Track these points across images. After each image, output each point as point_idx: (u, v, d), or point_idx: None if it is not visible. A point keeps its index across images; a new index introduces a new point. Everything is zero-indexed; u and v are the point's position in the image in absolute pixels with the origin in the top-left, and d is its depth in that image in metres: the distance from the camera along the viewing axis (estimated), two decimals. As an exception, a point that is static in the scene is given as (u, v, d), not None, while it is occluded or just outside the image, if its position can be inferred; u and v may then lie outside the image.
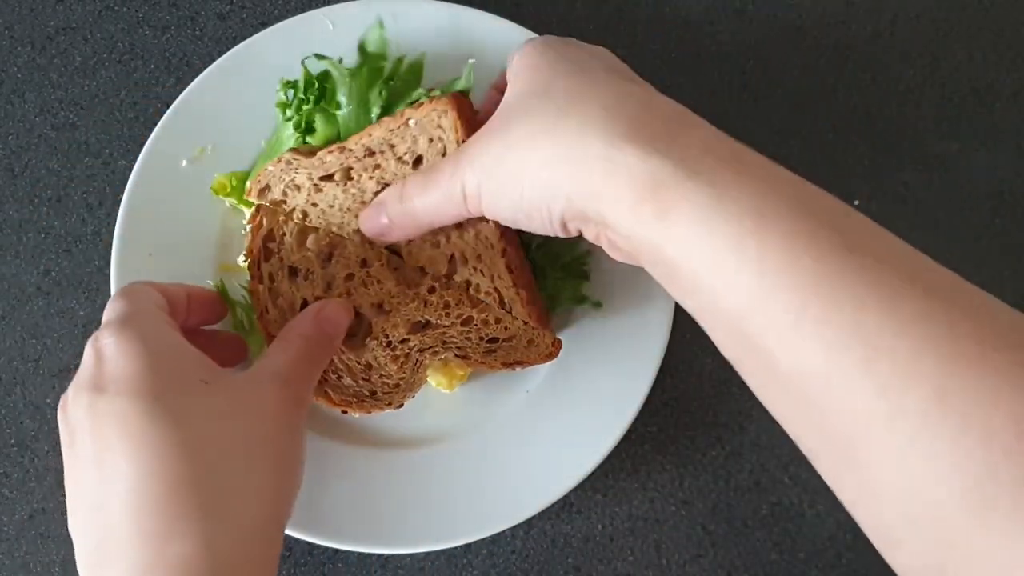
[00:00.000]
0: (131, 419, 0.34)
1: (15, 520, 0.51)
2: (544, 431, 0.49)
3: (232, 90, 0.51)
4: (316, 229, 0.46)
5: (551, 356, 0.46)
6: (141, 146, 0.50)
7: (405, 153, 0.44)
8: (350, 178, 0.45)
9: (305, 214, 0.46)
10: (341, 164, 0.45)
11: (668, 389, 0.53)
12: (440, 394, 0.49)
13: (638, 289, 0.49)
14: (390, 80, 0.48)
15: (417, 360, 0.45)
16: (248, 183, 0.47)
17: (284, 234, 0.46)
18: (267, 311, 0.45)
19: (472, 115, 0.45)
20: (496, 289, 0.44)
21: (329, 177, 0.46)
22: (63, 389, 0.37)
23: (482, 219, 0.43)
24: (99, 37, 0.57)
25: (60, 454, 0.36)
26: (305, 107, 0.47)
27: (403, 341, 0.45)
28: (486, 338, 0.45)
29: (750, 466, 0.52)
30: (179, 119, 0.51)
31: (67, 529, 0.35)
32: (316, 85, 0.47)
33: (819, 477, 0.30)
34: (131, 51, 0.57)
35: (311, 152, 0.46)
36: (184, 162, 0.51)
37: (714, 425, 0.53)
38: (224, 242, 0.51)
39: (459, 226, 0.44)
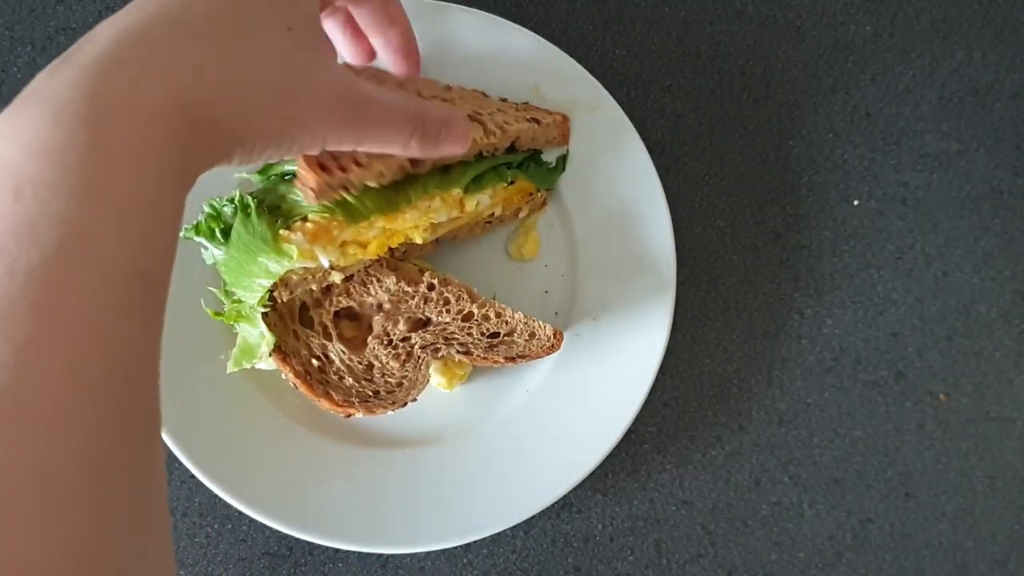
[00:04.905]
0: None
1: (15, 520, 0.51)
2: (544, 431, 0.49)
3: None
4: None
5: (553, 348, 0.46)
6: (141, 146, 0.50)
7: None
8: None
9: None
10: None
11: (668, 389, 0.53)
12: (440, 394, 0.49)
13: (638, 290, 0.49)
14: None
15: (419, 358, 0.45)
16: None
17: None
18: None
19: None
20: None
21: None
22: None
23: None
24: (99, 37, 0.57)
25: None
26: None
27: (404, 339, 0.45)
28: (487, 333, 0.45)
29: (750, 466, 0.52)
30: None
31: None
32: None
33: (819, 477, 0.30)
34: (131, 51, 0.57)
35: None
36: (184, 162, 0.50)
37: (714, 425, 0.53)
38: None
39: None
